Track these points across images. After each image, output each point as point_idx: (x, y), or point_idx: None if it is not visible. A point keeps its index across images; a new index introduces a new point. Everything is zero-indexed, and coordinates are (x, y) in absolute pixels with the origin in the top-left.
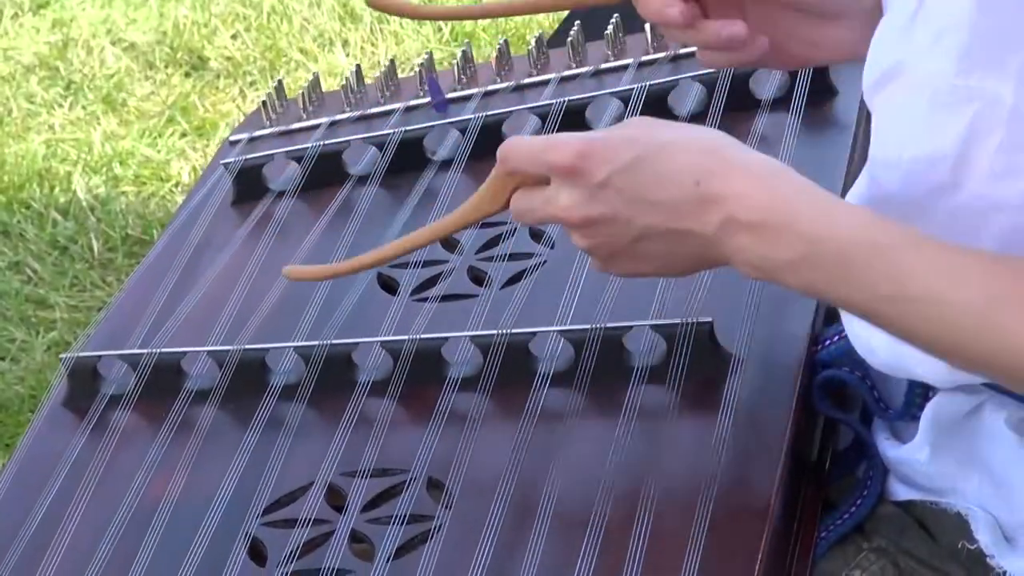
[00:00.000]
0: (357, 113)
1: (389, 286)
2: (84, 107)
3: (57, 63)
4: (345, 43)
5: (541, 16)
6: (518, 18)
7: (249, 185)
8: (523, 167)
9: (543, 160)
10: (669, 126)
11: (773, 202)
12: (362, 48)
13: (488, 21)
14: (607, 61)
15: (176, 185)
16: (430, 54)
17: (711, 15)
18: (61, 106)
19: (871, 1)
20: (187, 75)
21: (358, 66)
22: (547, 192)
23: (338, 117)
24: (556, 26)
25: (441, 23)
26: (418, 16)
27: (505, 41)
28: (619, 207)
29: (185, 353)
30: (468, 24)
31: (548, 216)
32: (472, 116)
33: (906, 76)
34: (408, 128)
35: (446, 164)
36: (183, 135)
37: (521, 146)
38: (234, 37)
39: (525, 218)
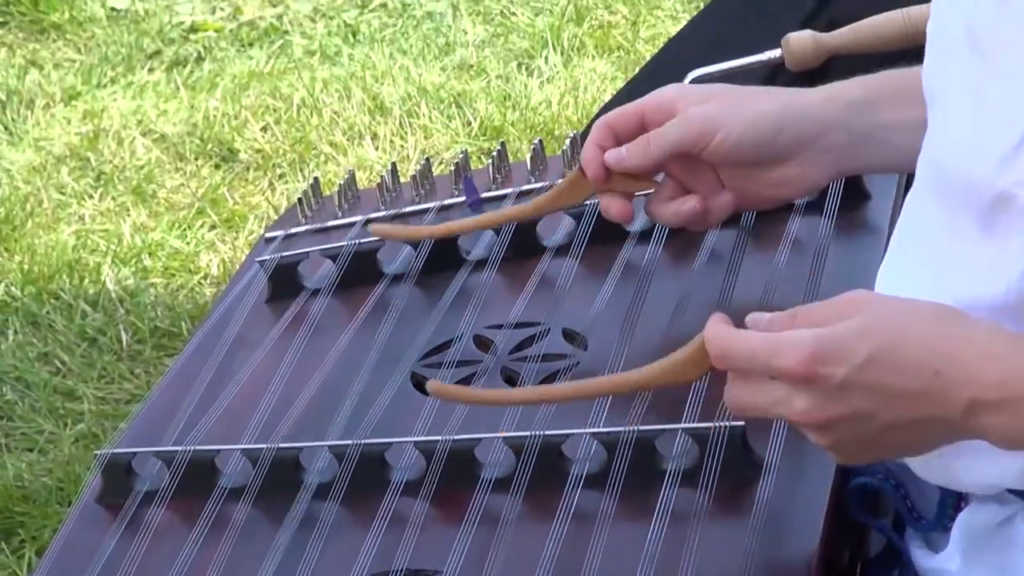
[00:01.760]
0: (392, 211)
1: (423, 386)
2: (114, 198)
3: (88, 154)
4: (374, 136)
5: (571, 113)
6: (547, 113)
7: (284, 282)
8: (745, 369)
9: (771, 365)
10: (887, 303)
11: (1014, 375)
12: (391, 141)
13: (517, 115)
14: None
15: (205, 277)
16: (465, 153)
17: (687, 184)
18: (91, 197)
19: (811, 135)
20: (217, 167)
21: (394, 164)
22: (776, 393)
23: (373, 215)
24: (585, 123)
25: (471, 120)
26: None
27: (540, 141)
28: (859, 405)
29: (219, 451)
30: (497, 119)
31: (781, 417)
32: None
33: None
34: None
35: (480, 264)
36: (212, 227)
37: (740, 346)
38: (264, 130)
39: (747, 413)
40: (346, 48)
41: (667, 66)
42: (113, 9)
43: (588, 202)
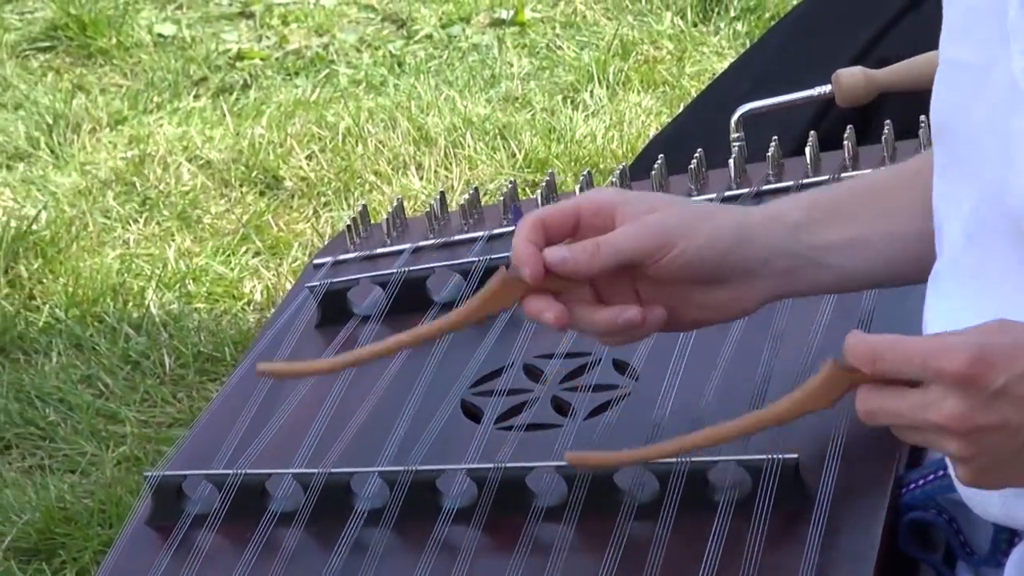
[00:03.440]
0: (441, 240)
1: (473, 413)
2: (159, 223)
3: (133, 179)
4: (419, 166)
5: (616, 147)
6: (591, 146)
7: (334, 309)
8: (902, 371)
9: (930, 366)
10: None
11: None
12: (436, 172)
13: (562, 148)
14: (690, 195)
15: (248, 303)
16: (514, 183)
17: (604, 296)
18: (136, 222)
19: (759, 259)
20: (261, 194)
21: (442, 193)
22: (923, 396)
23: (422, 244)
24: (631, 157)
25: (516, 151)
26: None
27: (588, 172)
28: (1012, 415)
29: (270, 475)
30: (542, 151)
31: (924, 422)
32: None
33: None
34: (493, 256)
35: None
36: (256, 254)
37: (898, 348)
38: (309, 158)
39: (880, 419)
40: (392, 78)
41: (717, 101)
42: (160, 35)
43: None
